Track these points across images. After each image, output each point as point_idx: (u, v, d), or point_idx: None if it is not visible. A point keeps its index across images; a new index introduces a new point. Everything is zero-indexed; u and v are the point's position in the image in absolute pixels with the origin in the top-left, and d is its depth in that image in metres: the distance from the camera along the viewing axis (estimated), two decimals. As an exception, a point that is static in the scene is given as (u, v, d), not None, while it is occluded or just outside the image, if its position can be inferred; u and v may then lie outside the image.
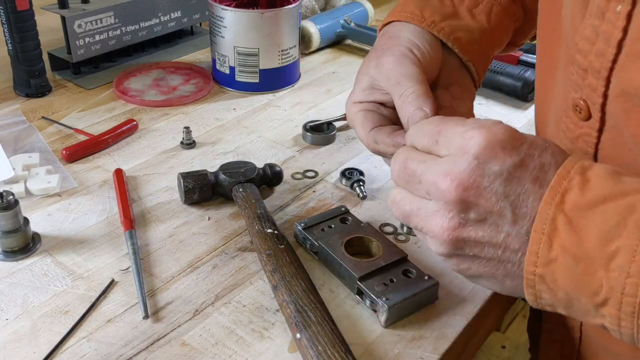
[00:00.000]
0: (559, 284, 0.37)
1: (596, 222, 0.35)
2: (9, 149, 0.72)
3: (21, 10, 0.78)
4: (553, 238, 0.36)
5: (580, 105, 0.44)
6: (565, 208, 0.36)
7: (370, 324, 0.51)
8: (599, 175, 0.37)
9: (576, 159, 0.38)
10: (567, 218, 0.36)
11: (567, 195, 0.37)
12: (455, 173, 0.39)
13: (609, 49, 0.40)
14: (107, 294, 0.53)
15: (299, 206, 0.66)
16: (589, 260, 0.35)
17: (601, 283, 0.35)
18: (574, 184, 0.37)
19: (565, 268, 0.36)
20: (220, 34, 0.86)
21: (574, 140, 0.46)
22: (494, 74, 0.89)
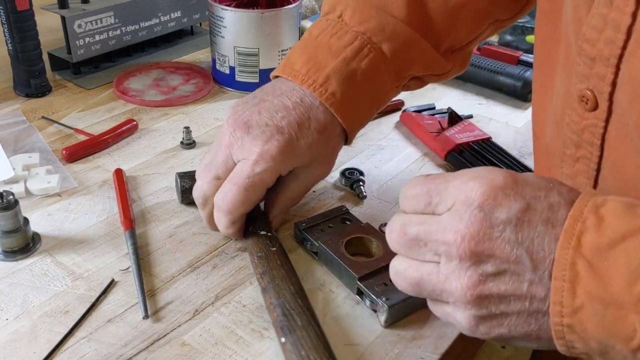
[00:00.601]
0: (589, 333, 0.35)
1: (619, 263, 0.34)
2: (9, 149, 0.72)
3: (21, 10, 0.78)
4: (576, 284, 0.35)
5: (587, 96, 0.43)
6: (583, 251, 0.35)
7: (370, 324, 0.51)
8: (614, 212, 0.36)
9: (587, 197, 0.37)
10: (587, 262, 0.34)
11: (584, 237, 0.35)
12: (463, 228, 0.38)
13: (618, 35, 0.39)
14: (107, 294, 0.53)
15: (299, 206, 0.66)
16: (618, 304, 0.33)
17: (634, 327, 0.33)
18: (588, 224, 0.35)
19: (593, 315, 0.34)
20: (220, 34, 0.86)
21: (580, 133, 0.45)
22: (494, 74, 0.89)
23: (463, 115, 0.82)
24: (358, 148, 0.77)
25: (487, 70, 0.90)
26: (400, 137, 0.80)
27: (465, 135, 0.76)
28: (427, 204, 0.41)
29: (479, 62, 0.91)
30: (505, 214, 0.37)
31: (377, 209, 0.66)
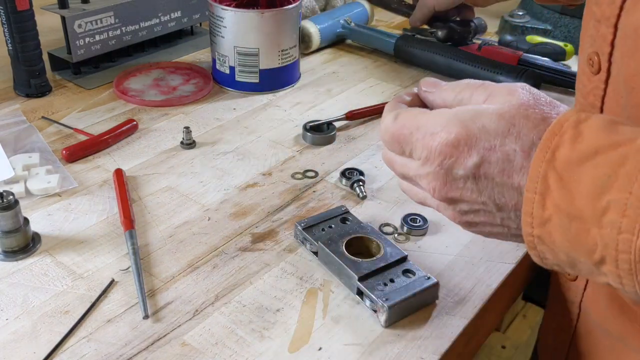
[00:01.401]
0: (557, 245, 0.36)
1: (587, 177, 0.34)
2: (9, 149, 0.72)
3: (21, 10, 0.78)
4: (546, 197, 0.35)
5: (593, 59, 0.44)
6: (556, 165, 0.35)
7: (370, 324, 0.51)
8: (592, 127, 0.35)
9: (572, 113, 0.37)
10: (559, 175, 0.35)
11: (558, 151, 0.35)
12: (431, 180, 0.41)
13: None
14: (107, 294, 0.53)
15: (299, 206, 0.66)
16: (582, 218, 0.34)
17: (595, 241, 0.33)
18: (565, 138, 0.35)
19: (560, 227, 0.35)
20: (220, 34, 0.86)
21: (586, 96, 0.46)
22: (494, 74, 0.89)
23: (463, 115, 0.82)
24: (358, 148, 0.77)
25: (487, 70, 0.90)
26: (400, 137, 0.80)
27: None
28: (402, 152, 0.43)
29: (479, 62, 0.91)
30: (462, 171, 0.39)
31: (377, 209, 0.66)
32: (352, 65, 1.00)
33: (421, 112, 0.42)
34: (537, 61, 0.91)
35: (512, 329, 1.54)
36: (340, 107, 0.86)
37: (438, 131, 0.40)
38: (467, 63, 0.92)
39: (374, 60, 1.02)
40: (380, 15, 1.17)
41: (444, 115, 0.40)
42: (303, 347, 0.49)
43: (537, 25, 1.07)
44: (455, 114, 0.40)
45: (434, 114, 0.41)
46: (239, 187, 0.68)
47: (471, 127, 0.39)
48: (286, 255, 0.59)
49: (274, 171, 0.72)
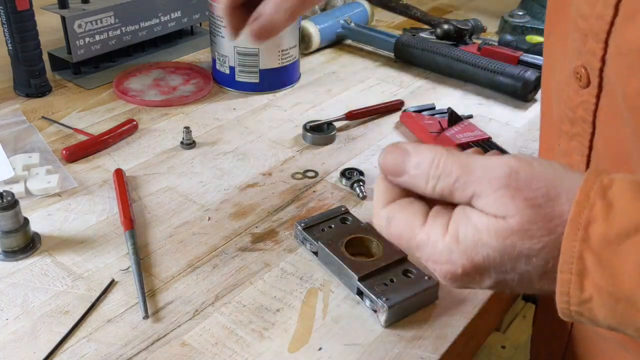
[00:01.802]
0: (599, 319, 0.34)
1: (631, 258, 0.32)
2: (9, 149, 0.72)
3: (21, 10, 0.78)
4: (584, 278, 0.33)
5: (580, 73, 0.44)
6: (592, 244, 0.33)
7: (370, 324, 0.51)
8: (623, 197, 0.33)
9: (593, 178, 0.34)
10: (597, 256, 0.33)
11: (591, 227, 0.33)
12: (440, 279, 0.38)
13: (607, 10, 0.40)
14: (107, 294, 0.53)
15: (299, 206, 0.66)
16: (630, 300, 0.32)
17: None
18: (596, 212, 0.33)
19: (604, 307, 0.33)
20: (220, 34, 0.86)
21: (574, 109, 0.46)
22: (494, 74, 0.89)
23: (463, 115, 0.82)
24: (358, 148, 0.77)
25: (487, 70, 0.90)
26: (400, 137, 0.80)
27: (465, 136, 0.76)
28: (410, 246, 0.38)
29: (479, 62, 0.91)
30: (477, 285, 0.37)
31: None
32: (352, 65, 1.00)
33: (419, 228, 0.37)
34: (537, 61, 0.91)
35: (512, 329, 1.54)
36: (340, 107, 0.86)
37: (442, 262, 0.37)
38: (467, 63, 0.92)
39: (374, 60, 1.02)
40: (380, 15, 1.17)
41: (445, 244, 0.36)
42: (303, 347, 0.49)
43: (537, 25, 1.07)
44: (457, 244, 0.36)
45: (433, 236, 0.37)
46: (239, 187, 0.68)
47: (476, 259, 0.36)
48: (286, 255, 0.59)
49: (274, 171, 0.72)
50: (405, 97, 0.89)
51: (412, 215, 0.38)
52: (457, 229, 0.36)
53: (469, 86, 0.93)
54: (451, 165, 0.36)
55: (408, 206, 0.38)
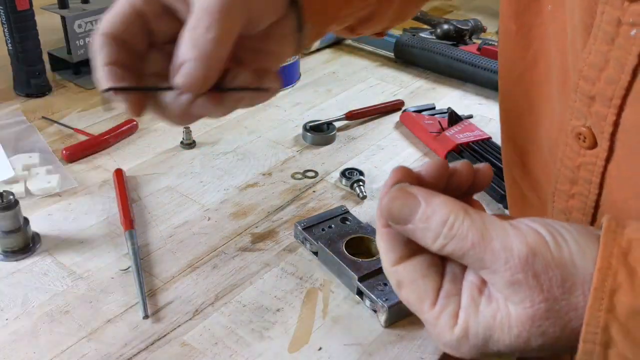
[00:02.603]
0: None
1: None
2: (9, 149, 0.72)
3: (21, 10, 0.78)
4: (608, 349, 0.32)
5: (584, 133, 0.41)
6: (618, 315, 0.31)
7: (370, 324, 0.51)
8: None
9: (611, 241, 0.32)
10: (623, 327, 0.31)
11: (616, 297, 0.31)
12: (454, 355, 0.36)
13: (622, 75, 0.37)
14: (107, 293, 0.53)
15: (299, 206, 0.66)
16: None
17: None
18: (620, 281, 0.31)
19: None
20: (220, 34, 0.86)
21: (575, 170, 0.43)
22: (494, 74, 0.89)
23: (463, 115, 0.82)
24: (358, 148, 0.77)
25: (487, 70, 0.90)
26: (400, 137, 0.80)
27: (465, 135, 0.76)
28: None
29: (478, 62, 0.91)
30: None
31: (377, 209, 0.65)
32: (352, 65, 1.00)
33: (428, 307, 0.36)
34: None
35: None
36: (340, 107, 0.86)
37: (450, 349, 0.35)
38: (467, 63, 0.92)
39: (374, 60, 1.02)
40: (380, 15, 1.17)
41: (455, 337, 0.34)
42: (303, 347, 0.49)
43: (537, 25, 1.07)
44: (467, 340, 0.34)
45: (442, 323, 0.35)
46: (239, 187, 0.68)
47: (487, 352, 0.34)
48: (286, 255, 0.59)
49: (274, 171, 0.72)
50: (405, 97, 0.89)
51: (423, 292, 0.36)
52: (467, 323, 0.34)
53: (469, 86, 0.93)
54: (468, 230, 0.34)
55: (418, 279, 0.36)
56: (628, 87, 0.37)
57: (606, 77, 0.38)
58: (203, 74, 0.37)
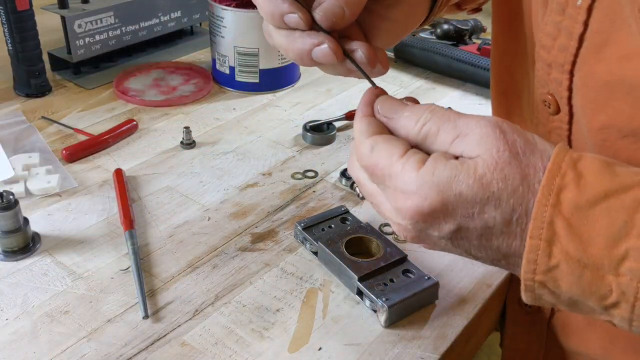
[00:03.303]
0: (562, 289, 0.35)
1: (601, 224, 0.32)
2: (9, 149, 0.72)
3: (21, 10, 0.78)
4: (553, 244, 0.34)
5: (548, 100, 0.44)
6: (563, 209, 0.33)
7: (370, 324, 0.51)
8: (592, 169, 0.34)
9: (564, 152, 0.35)
10: (567, 221, 0.33)
11: (563, 194, 0.33)
12: (401, 231, 0.39)
13: (571, 42, 0.41)
14: (107, 293, 0.53)
15: (299, 206, 0.66)
16: (596, 265, 0.33)
17: (611, 287, 0.33)
18: (568, 180, 0.34)
19: (569, 275, 0.34)
20: (220, 34, 0.86)
21: (547, 135, 0.46)
22: (494, 74, 0.89)
23: (463, 115, 0.82)
24: (358, 148, 0.77)
25: (487, 70, 0.90)
26: (400, 137, 0.80)
27: (465, 135, 0.76)
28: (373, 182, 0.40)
29: (478, 62, 0.91)
30: (437, 233, 0.37)
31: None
32: (352, 65, 0.99)
33: (397, 157, 0.38)
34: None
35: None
36: (340, 107, 0.86)
37: (412, 192, 0.37)
38: (466, 63, 0.92)
39: (374, 60, 1.02)
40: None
41: (419, 175, 0.36)
42: (303, 347, 0.49)
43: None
44: (431, 176, 0.36)
45: (408, 167, 0.37)
46: (239, 187, 0.68)
47: (447, 195, 0.36)
48: (286, 255, 0.59)
49: (274, 171, 0.72)
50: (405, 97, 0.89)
51: (394, 146, 0.38)
52: (434, 165, 0.36)
53: (469, 86, 0.93)
54: (445, 111, 0.39)
55: (391, 139, 0.39)
56: (576, 54, 0.41)
57: (559, 45, 0.42)
58: (341, 11, 0.41)
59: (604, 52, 0.39)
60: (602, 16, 0.39)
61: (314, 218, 0.60)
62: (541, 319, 0.57)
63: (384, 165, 0.38)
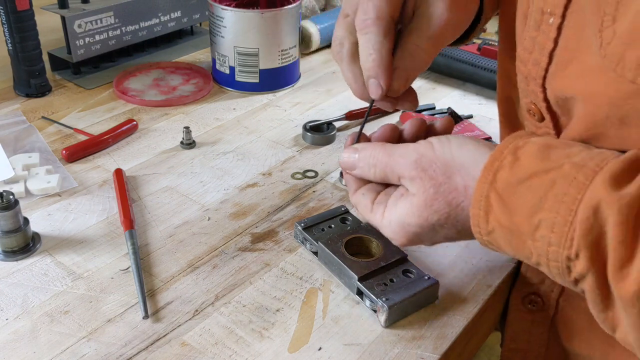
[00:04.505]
0: (502, 249, 0.42)
1: (523, 198, 0.39)
2: (9, 149, 0.72)
3: (21, 10, 0.78)
4: (489, 213, 0.41)
5: (532, 109, 0.48)
6: (497, 186, 0.40)
7: (370, 324, 0.51)
8: (528, 154, 0.40)
9: (511, 140, 0.42)
10: (499, 195, 0.40)
11: (499, 173, 0.41)
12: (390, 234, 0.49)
13: (543, 58, 0.44)
14: (107, 293, 0.53)
15: (299, 206, 0.66)
16: (519, 232, 0.40)
17: (531, 251, 0.40)
18: (505, 163, 0.41)
19: (503, 238, 0.41)
20: (220, 34, 0.86)
21: None
22: (494, 74, 0.89)
23: (463, 115, 0.82)
24: (358, 148, 0.77)
25: (487, 70, 0.90)
26: (400, 137, 0.80)
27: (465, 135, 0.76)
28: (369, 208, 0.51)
29: (478, 62, 0.91)
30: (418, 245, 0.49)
31: None
32: (352, 65, 0.99)
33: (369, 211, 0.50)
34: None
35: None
36: (340, 107, 0.86)
37: (389, 237, 0.48)
38: (466, 63, 0.92)
39: (374, 60, 1.02)
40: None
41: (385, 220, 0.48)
42: (303, 347, 0.49)
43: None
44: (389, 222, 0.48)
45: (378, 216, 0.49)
46: (239, 187, 0.68)
47: (407, 230, 0.47)
48: (286, 255, 0.59)
49: (274, 171, 0.72)
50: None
51: (364, 206, 0.50)
52: (390, 217, 0.47)
53: (469, 86, 0.93)
54: (381, 155, 0.48)
55: (361, 198, 0.51)
56: (546, 69, 0.44)
57: (533, 59, 0.45)
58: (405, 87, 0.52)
59: (568, 69, 0.42)
60: (571, 34, 0.42)
61: (314, 218, 0.60)
62: (544, 318, 0.57)
63: (366, 216, 0.50)
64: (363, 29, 0.48)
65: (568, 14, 0.42)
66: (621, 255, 0.35)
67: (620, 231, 0.34)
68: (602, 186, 0.36)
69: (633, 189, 0.35)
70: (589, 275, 0.36)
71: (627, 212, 0.34)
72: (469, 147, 0.44)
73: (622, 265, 0.35)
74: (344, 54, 0.51)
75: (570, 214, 0.37)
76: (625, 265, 0.35)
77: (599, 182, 0.36)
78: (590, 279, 0.37)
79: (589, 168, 0.37)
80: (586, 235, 0.36)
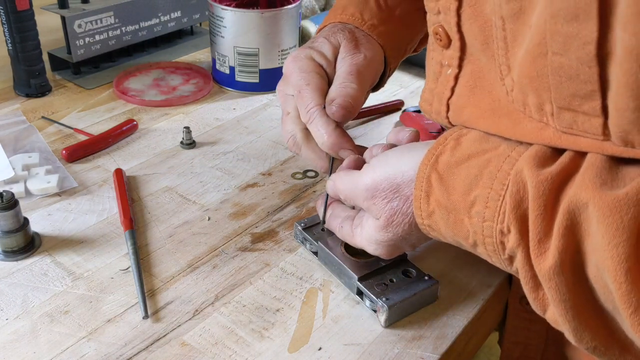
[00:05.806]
0: (443, 232, 0.44)
1: (461, 177, 0.41)
2: (9, 149, 0.72)
3: (21, 10, 0.78)
4: (430, 194, 0.43)
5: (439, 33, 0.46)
6: (438, 167, 0.43)
7: (370, 324, 0.51)
8: (469, 138, 0.43)
9: (456, 129, 0.44)
10: (440, 175, 0.42)
11: (441, 157, 0.43)
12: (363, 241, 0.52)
13: (442, 107, 0.47)
14: (107, 293, 0.53)
15: (299, 206, 0.66)
16: (457, 210, 0.41)
17: (468, 229, 0.41)
18: (447, 147, 0.43)
19: (442, 219, 0.43)
20: (220, 34, 0.86)
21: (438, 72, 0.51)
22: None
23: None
24: (358, 148, 0.76)
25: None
26: (400, 137, 0.80)
27: (465, 135, 0.76)
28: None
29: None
30: None
31: None
32: (352, 65, 0.99)
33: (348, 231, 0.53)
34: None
35: (512, 329, 1.53)
36: (340, 107, 0.85)
37: (371, 251, 0.51)
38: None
39: (374, 60, 1.02)
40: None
41: (355, 236, 0.52)
42: (303, 347, 0.49)
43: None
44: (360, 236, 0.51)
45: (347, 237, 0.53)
46: (239, 187, 0.68)
47: (385, 245, 0.50)
48: (286, 255, 0.59)
49: (274, 171, 0.72)
50: (405, 97, 0.89)
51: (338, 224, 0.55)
52: (359, 235, 0.51)
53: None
54: (346, 190, 0.51)
55: (338, 223, 0.55)
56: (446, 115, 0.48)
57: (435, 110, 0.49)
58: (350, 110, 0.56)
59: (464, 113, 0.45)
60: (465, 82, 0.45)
61: (314, 218, 0.60)
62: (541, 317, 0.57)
63: (347, 236, 0.54)
64: (309, 119, 0.55)
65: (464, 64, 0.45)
66: (539, 230, 0.36)
67: (537, 205, 0.36)
68: (526, 161, 0.38)
69: (553, 167, 0.37)
70: (519, 251, 0.37)
71: (543, 187, 0.36)
72: (406, 156, 0.47)
73: (540, 240, 0.36)
74: (299, 142, 0.58)
75: (502, 188, 0.38)
76: (543, 240, 0.36)
77: (526, 157, 0.38)
78: (520, 256, 0.38)
79: (522, 147, 0.40)
80: (516, 209, 0.37)
